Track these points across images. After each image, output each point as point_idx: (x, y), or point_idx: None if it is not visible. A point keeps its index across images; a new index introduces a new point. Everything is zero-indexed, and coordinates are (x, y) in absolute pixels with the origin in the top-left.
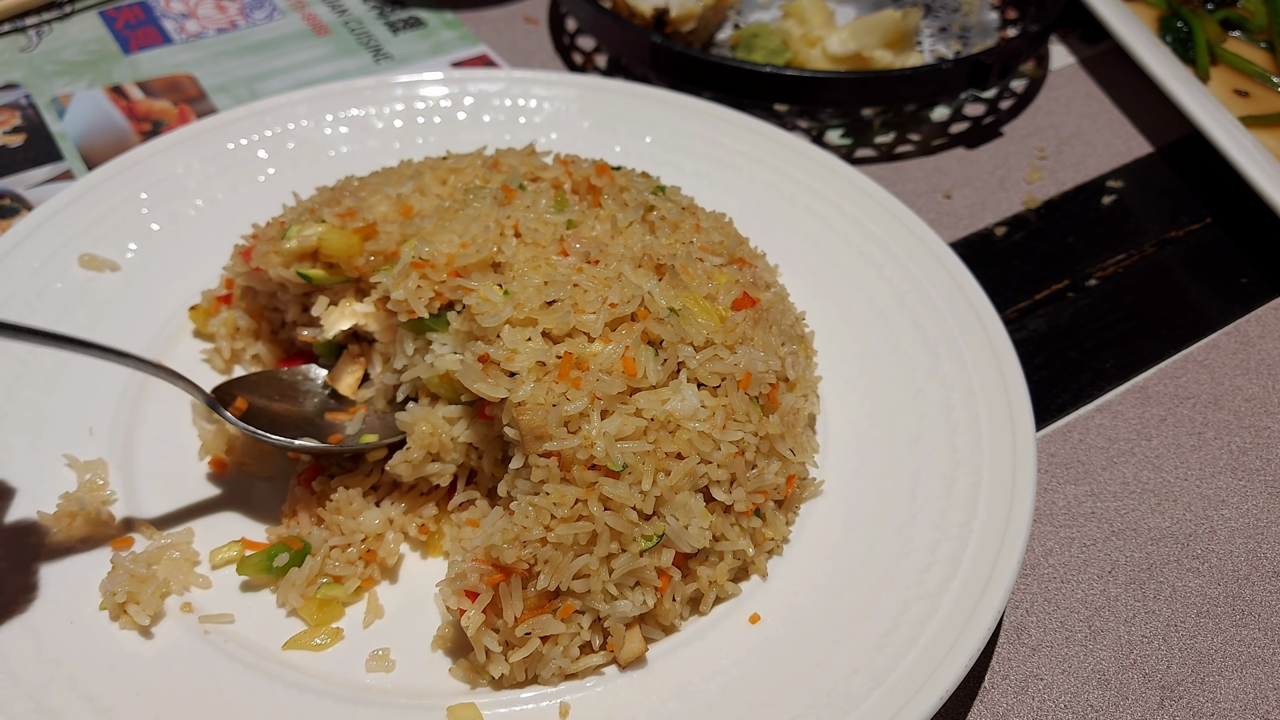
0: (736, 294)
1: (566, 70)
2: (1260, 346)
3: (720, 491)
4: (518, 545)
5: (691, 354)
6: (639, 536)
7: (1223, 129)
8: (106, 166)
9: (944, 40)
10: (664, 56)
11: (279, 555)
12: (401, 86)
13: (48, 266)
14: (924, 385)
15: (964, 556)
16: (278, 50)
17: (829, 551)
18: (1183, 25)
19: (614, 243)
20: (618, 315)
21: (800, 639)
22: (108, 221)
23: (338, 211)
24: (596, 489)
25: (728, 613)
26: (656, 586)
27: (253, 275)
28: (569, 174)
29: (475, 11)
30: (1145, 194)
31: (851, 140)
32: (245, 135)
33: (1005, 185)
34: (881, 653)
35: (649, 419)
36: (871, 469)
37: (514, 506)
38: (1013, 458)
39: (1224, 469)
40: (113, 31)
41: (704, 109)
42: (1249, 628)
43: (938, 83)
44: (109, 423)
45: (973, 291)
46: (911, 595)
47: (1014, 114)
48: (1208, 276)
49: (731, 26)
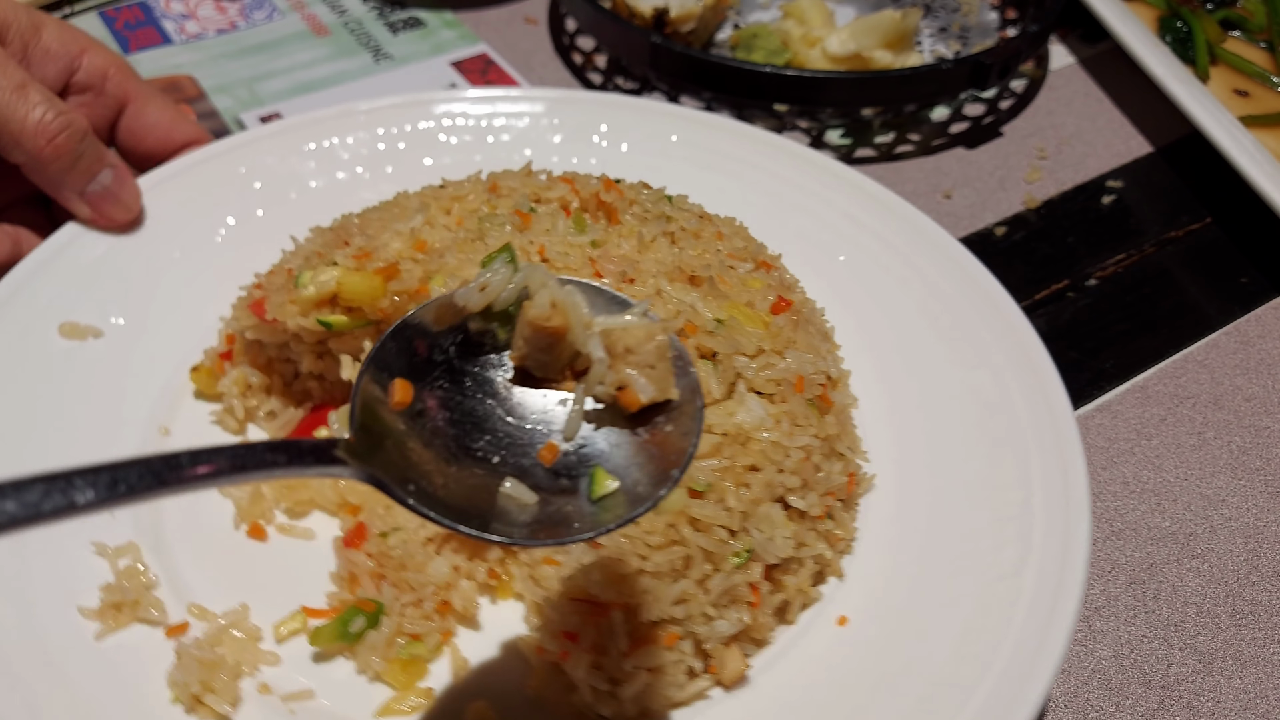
0: (772, 298)
1: (568, 70)
2: (1260, 346)
3: (795, 498)
4: (615, 580)
5: (746, 364)
6: (730, 554)
7: (1223, 129)
8: (67, 228)
9: (944, 40)
10: (664, 57)
11: (354, 620)
12: (363, 114)
13: (26, 340)
14: (946, 370)
15: (1033, 534)
16: (277, 51)
17: (896, 544)
18: (1182, 25)
19: (643, 259)
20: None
21: (891, 635)
22: (82, 285)
23: (351, 253)
24: (684, 512)
25: (814, 618)
26: (749, 602)
27: (263, 328)
28: (576, 192)
29: (475, 12)
30: (1145, 194)
31: (851, 140)
32: (210, 178)
33: (1005, 185)
34: (979, 638)
35: (721, 435)
36: (912, 458)
37: (603, 540)
38: (1054, 429)
39: (1224, 469)
40: (112, 32)
41: (671, 111)
42: (1249, 628)
43: (937, 83)
44: None
45: (977, 271)
46: (989, 578)
47: (1014, 114)
48: (1208, 276)
49: (731, 27)
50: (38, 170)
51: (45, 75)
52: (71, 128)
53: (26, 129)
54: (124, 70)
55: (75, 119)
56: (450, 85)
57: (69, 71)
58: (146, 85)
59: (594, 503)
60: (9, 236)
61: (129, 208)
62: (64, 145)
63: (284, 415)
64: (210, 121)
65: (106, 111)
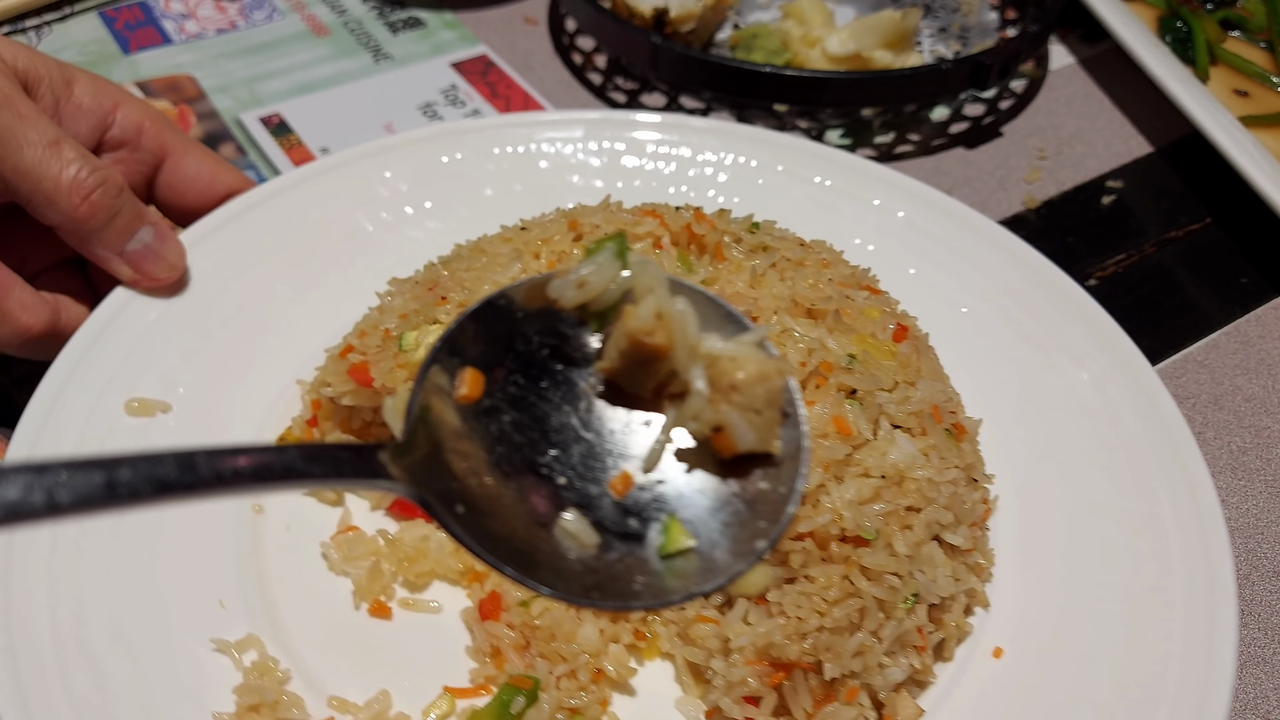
0: (892, 326)
1: (567, 71)
2: (1260, 346)
3: (949, 534)
4: (797, 639)
5: (888, 399)
6: (900, 600)
7: (1222, 129)
8: (114, 297)
9: (943, 40)
10: (664, 57)
11: (513, 700)
12: (399, 148)
13: (93, 424)
14: (1039, 377)
15: (1170, 545)
16: (277, 51)
17: (1029, 565)
18: (1182, 25)
19: (759, 294)
20: (807, 373)
21: (1049, 665)
22: (140, 357)
23: (453, 310)
24: (854, 562)
25: (969, 653)
26: (917, 646)
27: (362, 393)
28: (665, 226)
29: (474, 12)
30: (1145, 194)
31: (851, 140)
32: (256, 229)
33: (1005, 185)
34: (1143, 658)
35: (880, 477)
36: (1023, 473)
37: (770, 596)
38: (1167, 434)
39: (1224, 469)
40: (112, 32)
41: (705, 127)
42: (1249, 628)
43: (937, 83)
44: (236, 588)
45: (1045, 267)
46: (1136, 593)
47: (1013, 114)
48: (1207, 276)
49: (731, 27)
50: (73, 230)
51: (78, 131)
52: (107, 184)
53: (61, 188)
54: (160, 122)
55: (111, 174)
56: (450, 87)
57: (103, 127)
58: (184, 137)
59: (662, 559)
60: (48, 305)
61: (173, 265)
62: (99, 203)
63: None
64: (210, 122)
65: (144, 167)
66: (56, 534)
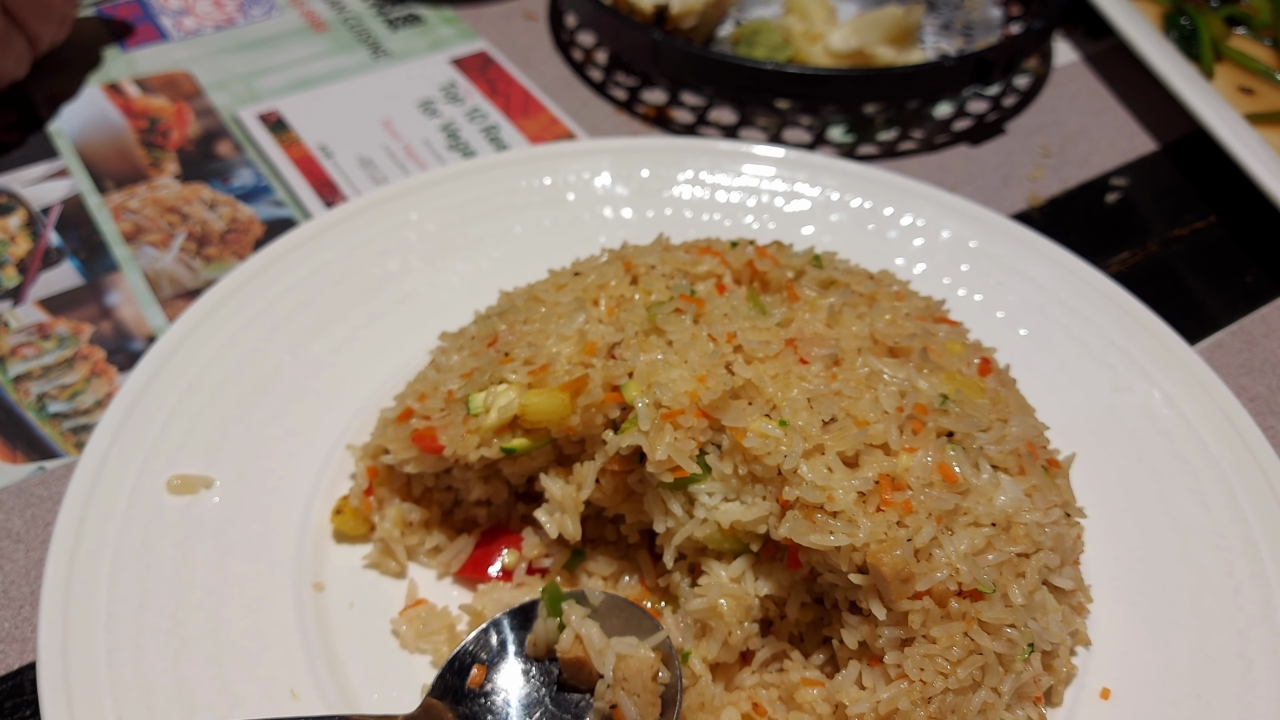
0: (976, 360)
1: (568, 67)
2: (1264, 345)
3: (1056, 577)
4: (923, 704)
5: (986, 439)
6: (1018, 654)
7: (1227, 126)
8: (141, 367)
9: (947, 37)
10: (665, 53)
11: None
12: (419, 191)
13: (136, 506)
14: (1111, 397)
15: (1266, 569)
16: (275, 46)
17: (1127, 599)
18: (1187, 22)
19: (838, 333)
20: (904, 418)
21: (1161, 701)
22: (175, 432)
23: (521, 368)
24: (973, 618)
25: (1076, 694)
26: (1035, 697)
27: (425, 459)
28: (726, 264)
29: (474, 8)
30: (1149, 192)
31: (854, 137)
32: (285, 281)
33: (1009, 183)
34: (1253, 692)
35: (990, 525)
36: (1108, 499)
37: (888, 659)
38: (1249, 452)
39: None
40: (110, 28)
41: (732, 150)
42: None
43: (941, 79)
44: (308, 675)
45: (1101, 282)
46: (1239, 624)
47: (1017, 111)
48: (1212, 275)
49: (733, 23)
50: None
51: None
52: None
53: None
54: None
55: None
56: (449, 84)
57: None
58: None
59: None
60: None
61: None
62: None
63: (450, 549)
64: (207, 119)
65: None
66: (112, 634)
